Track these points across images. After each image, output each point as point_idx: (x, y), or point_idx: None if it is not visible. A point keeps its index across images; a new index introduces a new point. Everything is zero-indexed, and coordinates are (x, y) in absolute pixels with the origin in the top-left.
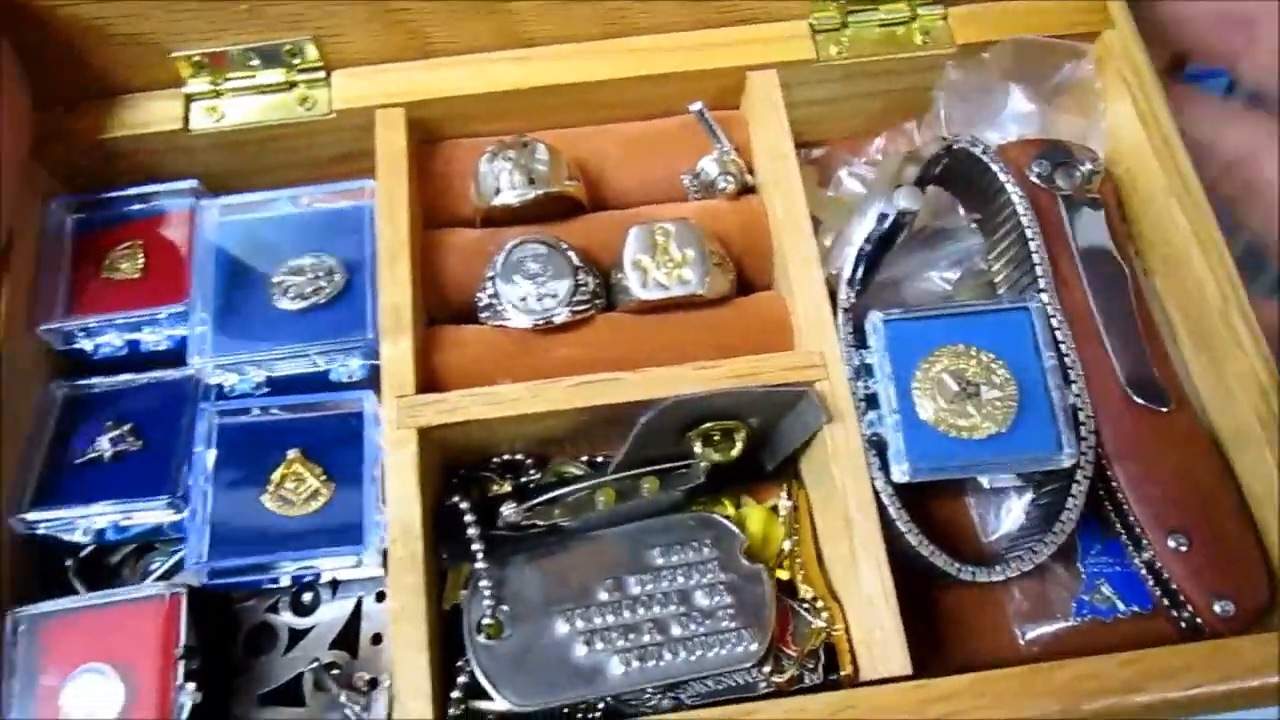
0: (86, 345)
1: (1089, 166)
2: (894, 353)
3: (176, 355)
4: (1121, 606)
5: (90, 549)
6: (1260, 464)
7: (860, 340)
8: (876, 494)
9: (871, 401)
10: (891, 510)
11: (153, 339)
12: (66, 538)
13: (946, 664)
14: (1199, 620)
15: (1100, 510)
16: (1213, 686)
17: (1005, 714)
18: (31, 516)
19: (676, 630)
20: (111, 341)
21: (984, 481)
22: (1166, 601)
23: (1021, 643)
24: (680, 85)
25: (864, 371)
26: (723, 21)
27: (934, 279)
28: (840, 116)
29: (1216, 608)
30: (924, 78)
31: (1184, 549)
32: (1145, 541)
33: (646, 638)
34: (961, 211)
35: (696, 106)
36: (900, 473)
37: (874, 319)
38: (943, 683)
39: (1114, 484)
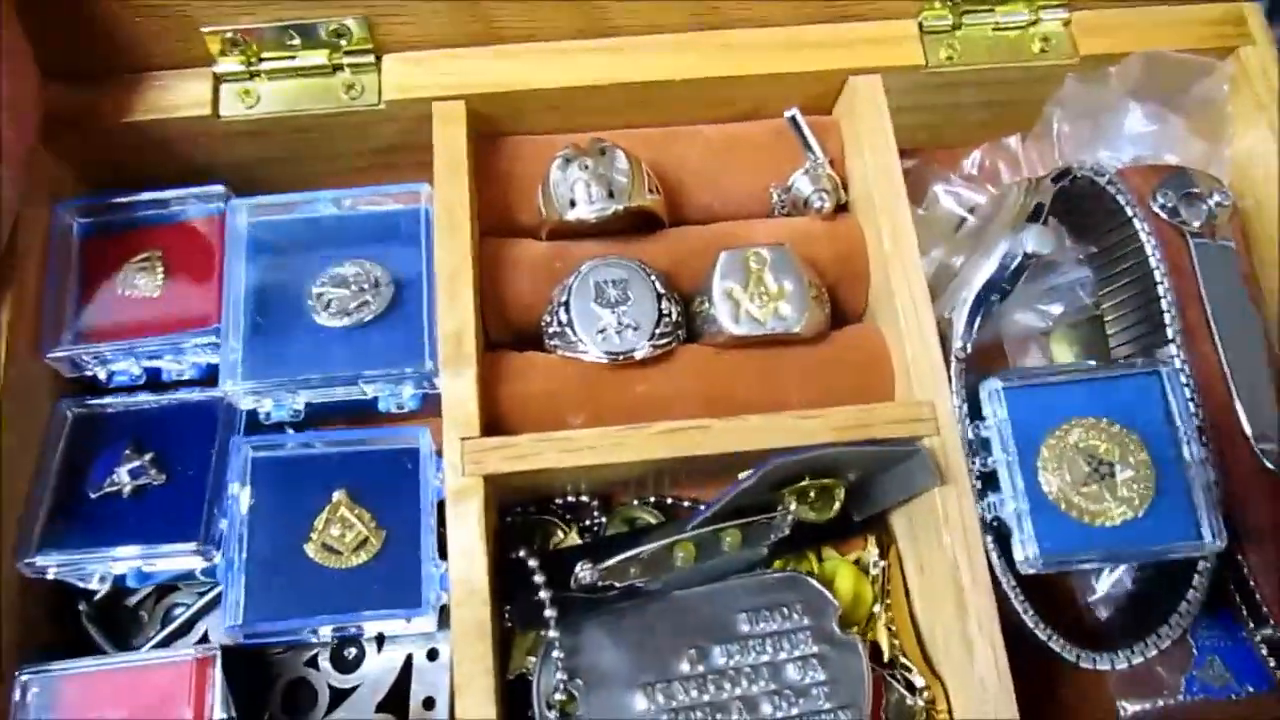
0: (99, 373)
1: (1217, 199)
2: (1017, 426)
3: (203, 381)
4: (1235, 686)
5: (103, 593)
6: None
7: (974, 407)
8: (994, 577)
9: (989, 480)
10: (1014, 601)
11: (176, 368)
12: (79, 582)
13: None
14: None
15: (1217, 580)
16: None
17: None
18: (41, 561)
19: (767, 710)
20: (129, 370)
21: None
22: None
23: (1122, 717)
24: (771, 87)
25: (981, 448)
26: (823, 17)
27: (1033, 313)
28: (939, 125)
29: None
30: (1036, 89)
31: None
32: (1265, 613)
33: (735, 717)
34: (1068, 242)
35: (791, 112)
36: (1026, 565)
37: (992, 386)
38: None
39: (1239, 558)
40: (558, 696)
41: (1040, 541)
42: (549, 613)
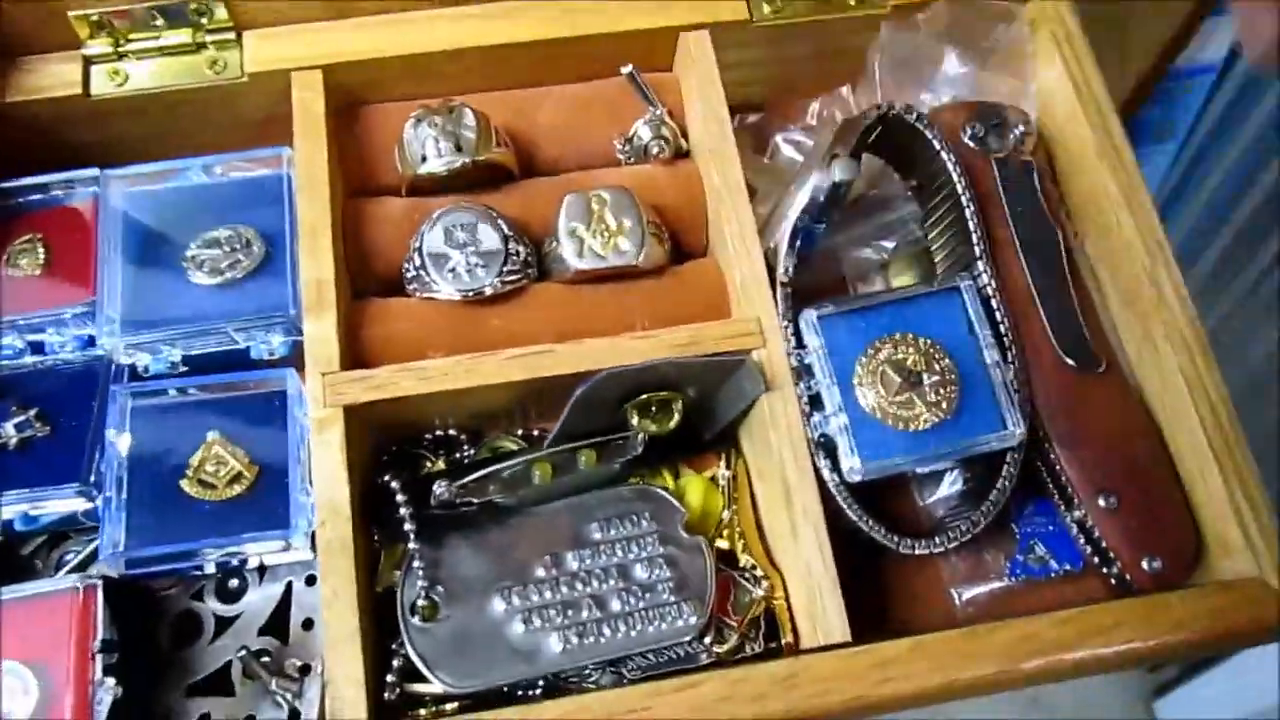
0: None
1: (1021, 129)
2: (832, 350)
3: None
4: (1054, 565)
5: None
6: (1186, 420)
7: (799, 340)
8: (821, 479)
9: (815, 402)
10: (839, 498)
11: (58, 340)
12: None
13: (884, 629)
14: (1128, 577)
15: (1033, 471)
16: (1143, 642)
17: (944, 677)
18: None
19: (616, 605)
20: (13, 344)
21: None
22: (1097, 560)
23: (957, 605)
24: (611, 46)
25: (806, 373)
26: None
27: (870, 248)
28: (775, 79)
29: (1145, 565)
30: (859, 39)
31: (1114, 508)
32: (1077, 501)
33: (585, 614)
34: (897, 179)
35: (628, 69)
36: (851, 473)
37: (808, 317)
38: (883, 648)
39: (1046, 446)
40: (420, 603)
41: (862, 450)
42: (408, 527)
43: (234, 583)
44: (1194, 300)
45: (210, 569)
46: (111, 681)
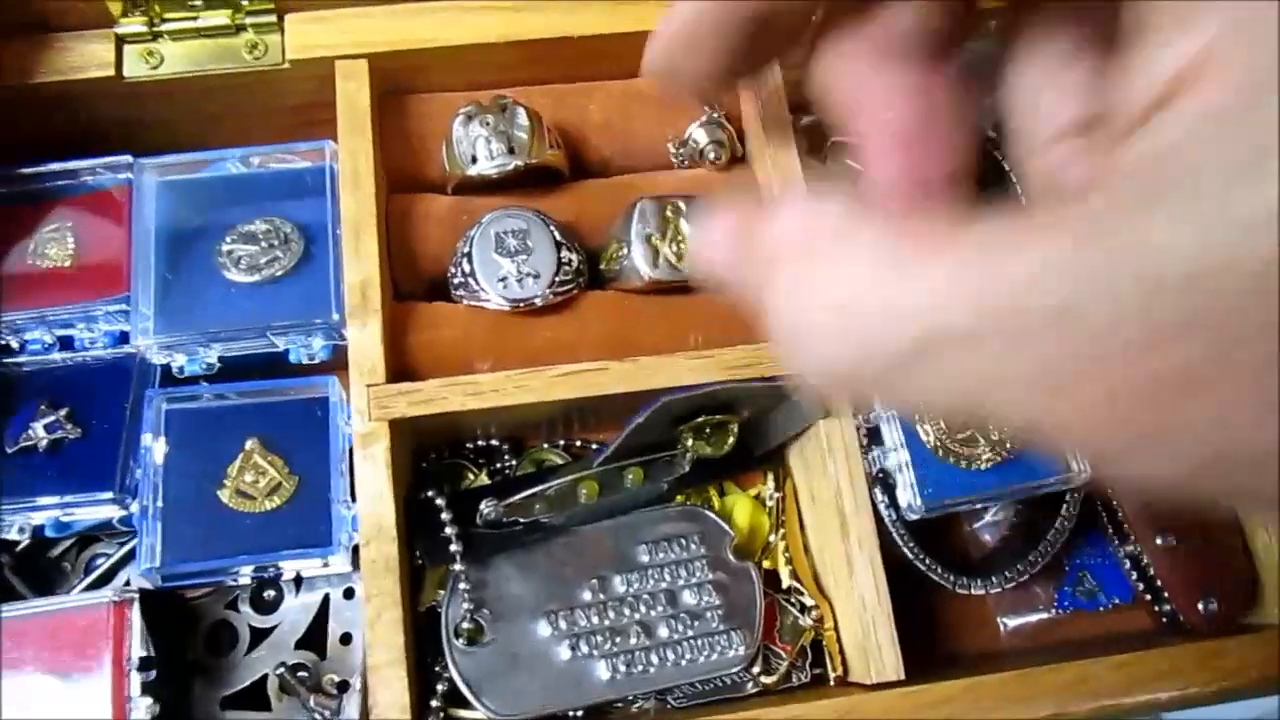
0: (11, 342)
1: None
2: None
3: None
4: (1103, 599)
5: (24, 544)
6: None
7: None
8: (877, 513)
9: (874, 436)
10: (895, 535)
11: (88, 335)
12: (2, 536)
13: (930, 655)
14: (1181, 617)
15: (1085, 502)
16: (1199, 688)
17: (1001, 715)
18: None
19: (664, 633)
20: (41, 339)
21: None
22: (1149, 596)
23: (1004, 633)
24: None
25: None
26: None
27: None
28: None
29: (1200, 606)
30: None
31: (1173, 546)
32: (1133, 537)
33: (634, 640)
34: None
35: None
36: (909, 510)
37: None
38: (937, 688)
39: (1108, 486)
40: (465, 625)
41: (922, 488)
42: (454, 547)
43: (270, 593)
44: None
45: (245, 579)
46: (149, 701)
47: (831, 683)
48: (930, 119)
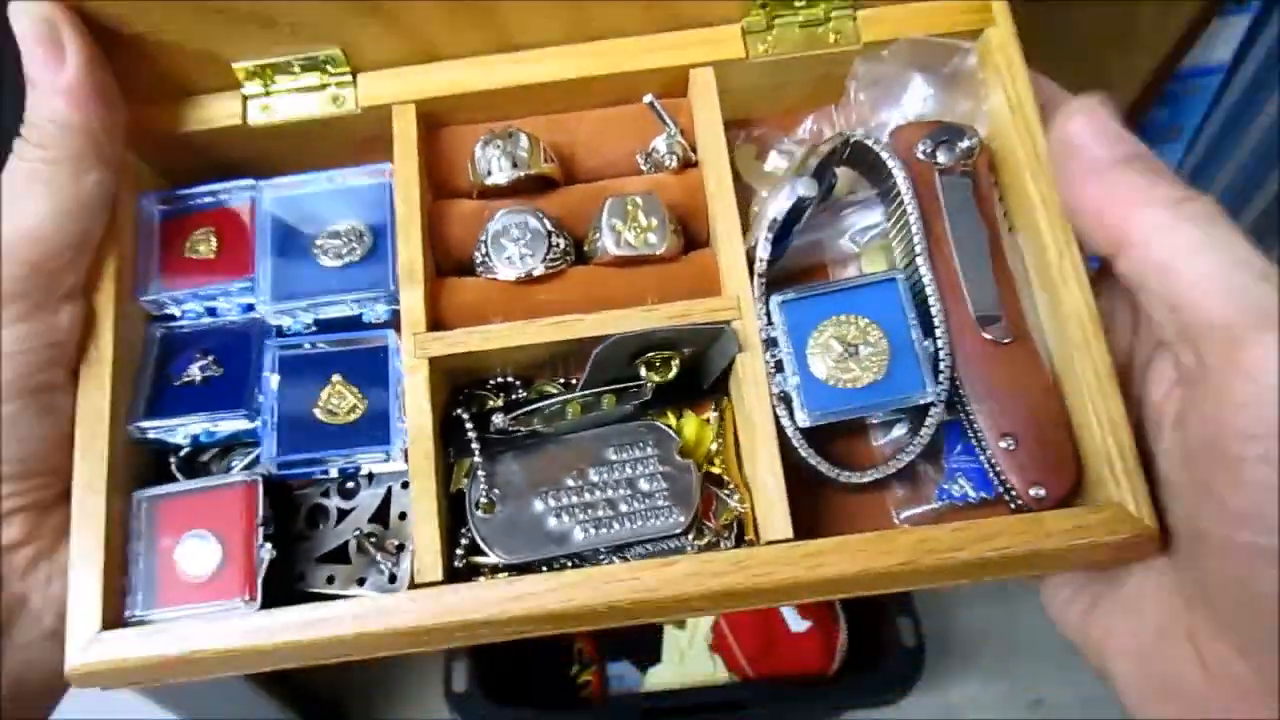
0: (175, 311)
1: (966, 143)
2: (791, 327)
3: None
4: (972, 494)
5: (187, 449)
6: (1075, 383)
7: (769, 318)
8: (781, 427)
9: (779, 367)
10: (794, 441)
11: (226, 306)
12: (169, 440)
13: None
14: (1021, 502)
15: (961, 421)
16: (1018, 548)
17: (861, 565)
18: (144, 424)
19: (624, 507)
20: (194, 309)
21: None
22: (1002, 490)
23: (896, 522)
24: (637, 80)
25: (772, 344)
26: (670, 26)
27: (845, 242)
28: (773, 100)
29: (1032, 492)
30: (839, 67)
31: (1012, 448)
32: (985, 443)
33: (601, 512)
34: (869, 186)
35: (648, 99)
36: (802, 420)
37: (775, 301)
38: (814, 543)
39: (965, 400)
40: (482, 500)
41: (809, 404)
42: (474, 447)
43: (350, 485)
44: None
45: (334, 473)
46: (269, 546)
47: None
48: None
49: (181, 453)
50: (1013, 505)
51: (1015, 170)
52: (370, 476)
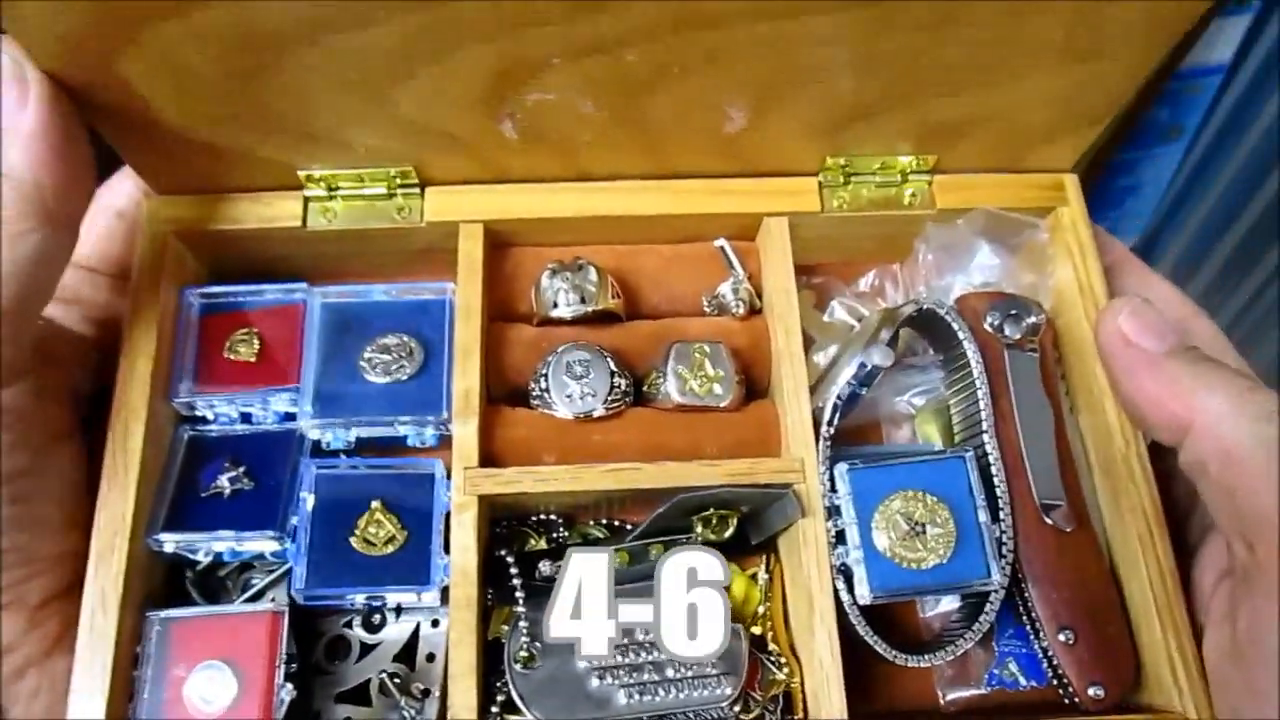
0: (207, 414)
1: (1033, 319)
2: (856, 497)
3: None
4: (1023, 681)
5: (204, 564)
6: (1138, 577)
7: (833, 484)
8: (839, 601)
9: (840, 537)
10: (851, 617)
11: (262, 414)
12: (190, 557)
13: (884, 710)
14: (1077, 700)
15: (1015, 602)
16: None
17: None
18: (164, 538)
19: (670, 672)
20: (228, 414)
21: None
22: (1055, 682)
23: (942, 703)
24: (708, 221)
25: (834, 512)
26: (747, 171)
27: (904, 401)
28: (840, 250)
29: (1090, 691)
30: (912, 229)
31: (1071, 643)
32: (1042, 634)
33: (646, 676)
34: (930, 351)
35: (720, 242)
36: (863, 597)
37: (840, 469)
38: None
39: (1024, 585)
40: (522, 653)
41: (871, 581)
42: (518, 594)
43: (377, 618)
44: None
45: (359, 602)
46: (290, 686)
47: None
48: None
49: (198, 568)
50: (1066, 701)
51: (1081, 352)
52: (398, 610)
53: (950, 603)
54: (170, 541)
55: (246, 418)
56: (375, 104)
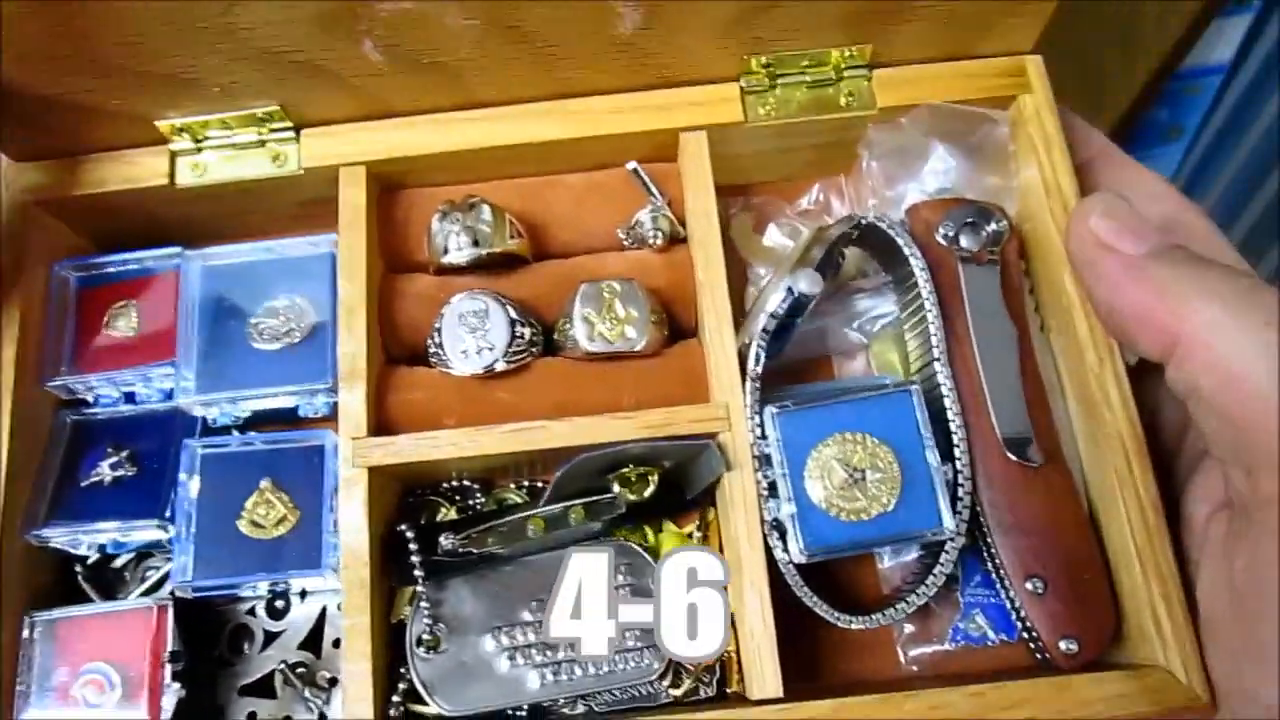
0: (87, 396)
1: (993, 227)
2: (787, 444)
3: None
4: (991, 635)
5: (95, 558)
6: (1117, 517)
7: (763, 430)
8: (775, 555)
9: (773, 489)
10: (787, 577)
11: (145, 392)
12: (73, 551)
13: (839, 678)
14: (1048, 655)
15: (980, 547)
16: (1046, 718)
17: None
18: (45, 533)
19: None
20: (109, 394)
21: None
22: (1025, 635)
23: (903, 661)
24: (619, 142)
25: (764, 462)
26: (657, 83)
27: (855, 330)
28: (775, 166)
29: (1062, 646)
30: (852, 133)
31: (1040, 592)
32: (1008, 582)
33: (561, 654)
34: (883, 272)
35: (631, 166)
36: (796, 555)
37: (769, 412)
38: (808, 706)
39: (986, 531)
40: (425, 637)
41: (805, 537)
42: (417, 573)
43: (280, 603)
44: None
45: (262, 589)
46: (177, 685)
47: (731, 699)
48: None
49: (89, 561)
50: (1038, 656)
51: (1049, 261)
52: (303, 593)
53: (912, 555)
54: (53, 536)
55: (131, 398)
56: (211, 30)
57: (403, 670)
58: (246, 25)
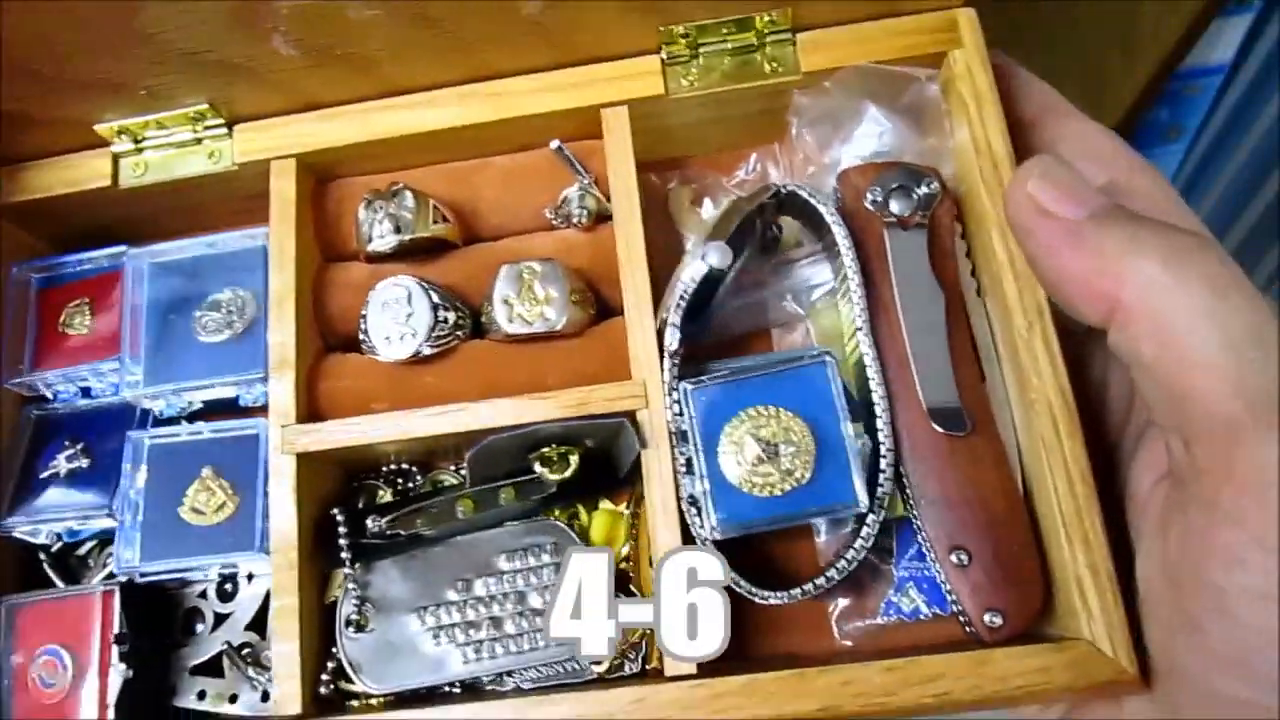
0: (47, 393)
1: (924, 190)
2: (701, 420)
3: None
4: (924, 609)
5: (58, 546)
6: (1044, 486)
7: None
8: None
9: (689, 466)
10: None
11: (100, 386)
12: (33, 541)
13: (772, 654)
14: (973, 629)
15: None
16: (964, 693)
17: (772, 711)
18: (8, 523)
19: (510, 627)
20: (67, 390)
21: None
22: (956, 609)
23: (837, 636)
24: (544, 122)
25: (681, 438)
26: (576, 60)
27: (791, 302)
28: (710, 138)
29: (987, 619)
30: (782, 101)
31: (964, 564)
32: (935, 554)
33: (483, 634)
34: (812, 241)
35: (555, 144)
36: (711, 533)
37: (683, 388)
38: (719, 682)
39: (911, 502)
40: (353, 617)
41: (718, 514)
42: (345, 555)
43: (229, 586)
44: None
45: (214, 573)
46: (123, 667)
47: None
48: None
49: (53, 549)
50: (966, 629)
51: (981, 223)
52: (250, 576)
53: (847, 525)
54: (14, 526)
55: (87, 392)
56: (124, 34)
57: (333, 650)
58: (155, 29)
